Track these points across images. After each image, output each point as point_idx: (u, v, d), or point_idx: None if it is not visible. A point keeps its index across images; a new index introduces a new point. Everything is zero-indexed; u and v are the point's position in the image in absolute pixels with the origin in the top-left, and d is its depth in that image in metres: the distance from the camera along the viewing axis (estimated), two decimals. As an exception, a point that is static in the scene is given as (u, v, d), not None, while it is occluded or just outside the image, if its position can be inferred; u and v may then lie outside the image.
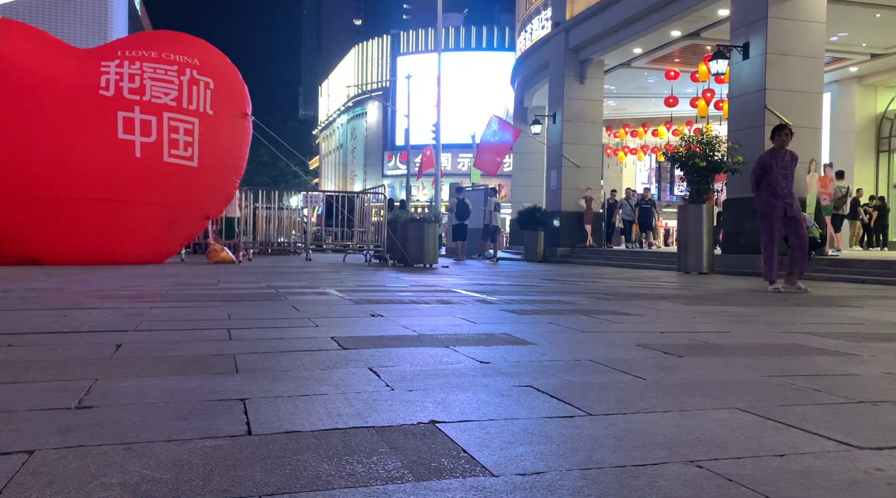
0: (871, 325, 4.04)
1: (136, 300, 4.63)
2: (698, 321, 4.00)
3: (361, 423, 1.61)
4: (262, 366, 2.30)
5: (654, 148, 25.66)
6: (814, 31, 11.78)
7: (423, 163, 27.99)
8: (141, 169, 9.78)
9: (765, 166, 6.96)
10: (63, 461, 1.30)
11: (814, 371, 2.41)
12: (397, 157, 53.23)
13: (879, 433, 1.61)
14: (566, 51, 18.93)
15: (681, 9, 14.69)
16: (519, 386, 2.06)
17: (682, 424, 1.65)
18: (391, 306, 4.48)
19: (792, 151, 7.06)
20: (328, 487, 1.19)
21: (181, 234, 10.83)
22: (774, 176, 6.87)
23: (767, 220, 6.92)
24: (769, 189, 6.89)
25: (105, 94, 9.70)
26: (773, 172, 6.89)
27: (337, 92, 67.41)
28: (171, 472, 1.25)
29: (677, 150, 11.58)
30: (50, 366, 2.25)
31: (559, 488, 1.20)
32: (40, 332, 3.05)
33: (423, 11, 77.84)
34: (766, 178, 6.93)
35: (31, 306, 4.14)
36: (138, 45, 10.54)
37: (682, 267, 11.42)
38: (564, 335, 3.23)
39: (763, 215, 6.96)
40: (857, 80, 19.40)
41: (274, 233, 15.56)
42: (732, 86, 12.42)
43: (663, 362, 2.52)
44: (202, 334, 3.03)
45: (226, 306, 4.29)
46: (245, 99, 11.00)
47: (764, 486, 1.23)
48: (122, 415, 1.65)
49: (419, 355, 2.58)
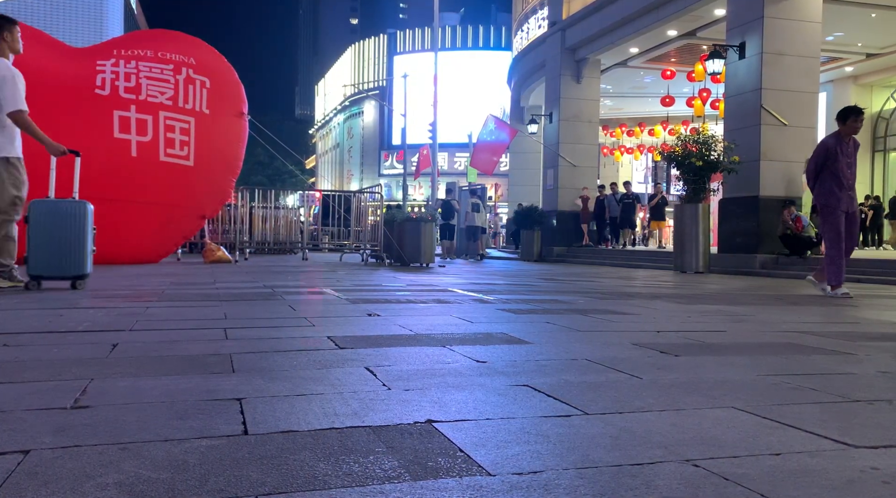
0: (867, 324, 4.05)
1: (132, 300, 4.62)
2: (694, 320, 4.00)
3: (358, 422, 1.61)
4: (259, 365, 2.30)
5: (650, 147, 25.68)
6: (810, 30, 11.81)
7: (419, 162, 27.99)
8: (137, 168, 9.76)
9: (829, 152, 6.08)
10: (59, 461, 1.29)
11: (810, 370, 2.42)
12: (394, 156, 53.21)
13: (875, 432, 1.61)
14: (563, 50, 18.94)
15: (677, 8, 14.71)
16: (516, 385, 2.06)
17: (679, 424, 1.65)
18: (388, 306, 4.48)
19: (856, 139, 6.25)
20: (325, 487, 1.19)
21: (177, 233, 10.81)
22: (840, 165, 6.05)
23: (832, 215, 6.07)
24: (833, 179, 6.07)
25: (101, 93, 9.67)
26: (838, 160, 6.05)
27: (333, 91, 67.35)
28: (168, 472, 1.25)
29: (674, 150, 11.60)
30: (46, 365, 2.24)
31: (556, 488, 1.20)
32: (36, 331, 3.05)
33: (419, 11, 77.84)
34: (829, 166, 6.08)
35: (27, 306, 4.13)
36: (134, 44, 10.51)
37: (678, 266, 11.44)
38: (561, 334, 3.23)
39: (826, 209, 6.12)
40: (852, 79, 19.45)
41: (270, 232, 15.55)
42: (729, 85, 12.44)
43: (660, 361, 2.53)
44: (198, 334, 3.02)
45: (222, 306, 4.29)
46: (241, 98, 10.98)
47: (760, 485, 1.23)
48: (118, 415, 1.64)
49: (416, 355, 2.58)
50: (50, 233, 5.21)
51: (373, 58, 59.87)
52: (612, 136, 26.68)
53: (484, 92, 48.39)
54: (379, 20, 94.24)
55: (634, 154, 27.71)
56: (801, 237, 10.93)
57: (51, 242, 5.22)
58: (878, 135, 19.93)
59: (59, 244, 5.24)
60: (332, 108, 68.17)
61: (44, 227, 5.22)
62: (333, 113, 67.66)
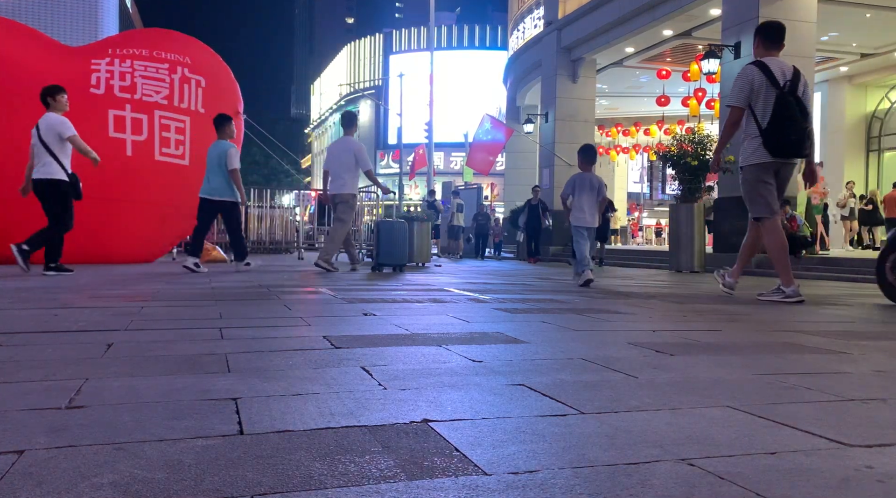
0: (861, 323, 4.07)
1: (127, 299, 4.61)
2: (690, 320, 4.01)
3: (354, 422, 1.61)
4: (255, 365, 2.29)
5: (645, 147, 25.74)
6: (804, 30, 11.84)
7: (415, 161, 27.98)
8: (132, 167, 9.73)
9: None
10: (53, 461, 1.29)
11: (805, 369, 2.42)
12: (390, 155, 53.18)
13: (870, 431, 1.62)
14: (558, 50, 18.96)
15: (672, 8, 14.74)
16: (511, 384, 2.06)
17: (674, 423, 1.65)
18: (384, 305, 4.48)
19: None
20: (321, 487, 1.19)
21: (172, 232, 10.79)
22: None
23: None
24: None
25: (96, 92, 9.64)
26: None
27: (329, 90, 67.30)
28: (163, 471, 1.24)
29: (669, 150, 11.64)
30: (40, 365, 2.23)
31: (552, 487, 1.20)
32: (30, 331, 3.04)
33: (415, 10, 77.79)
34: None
35: (22, 305, 4.11)
36: (129, 43, 10.49)
37: (673, 266, 11.46)
38: (557, 334, 3.23)
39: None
40: (847, 79, 19.51)
41: (266, 232, 15.52)
42: (724, 85, 12.47)
43: (655, 361, 2.53)
44: (194, 334, 3.02)
45: (217, 305, 4.28)
46: (237, 97, 10.96)
47: (755, 483, 1.23)
48: (113, 414, 1.64)
49: (412, 354, 2.58)
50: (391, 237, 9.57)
51: (369, 57, 59.84)
52: (608, 136, 26.73)
53: (480, 91, 48.40)
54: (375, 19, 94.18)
55: (630, 154, 27.77)
56: (796, 237, 10.97)
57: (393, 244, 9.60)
58: (872, 134, 19.99)
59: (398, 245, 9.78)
60: (328, 107, 68.11)
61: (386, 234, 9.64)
62: (329, 112, 67.59)
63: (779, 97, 5.14)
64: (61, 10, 29.20)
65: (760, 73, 5.23)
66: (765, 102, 5.20)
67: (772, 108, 5.15)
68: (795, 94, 5.18)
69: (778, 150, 5.21)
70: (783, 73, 5.22)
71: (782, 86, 5.17)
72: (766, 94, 5.19)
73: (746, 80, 5.27)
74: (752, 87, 5.25)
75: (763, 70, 5.23)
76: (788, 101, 5.13)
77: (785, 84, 5.19)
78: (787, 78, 5.21)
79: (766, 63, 5.27)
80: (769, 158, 5.27)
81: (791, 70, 5.25)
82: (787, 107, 5.13)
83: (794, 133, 5.13)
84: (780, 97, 5.14)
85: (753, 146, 5.33)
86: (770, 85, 5.18)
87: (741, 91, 5.29)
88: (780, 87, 5.17)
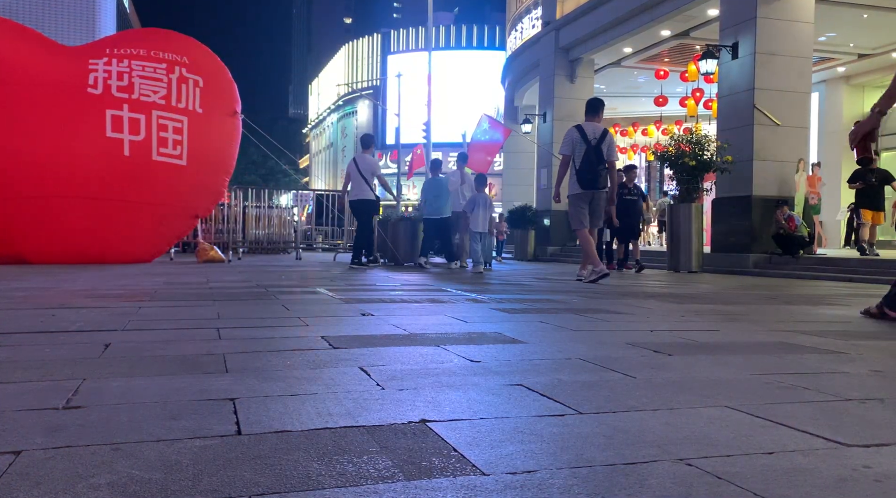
0: (859, 323, 4.07)
1: (124, 299, 4.60)
2: (688, 319, 4.01)
3: (352, 422, 1.61)
4: (252, 365, 2.29)
5: (643, 147, 25.73)
6: (802, 31, 11.85)
7: (413, 161, 27.94)
8: (129, 167, 9.72)
9: None
10: (50, 462, 1.29)
11: (802, 369, 2.43)
12: (388, 155, 53.15)
13: (867, 431, 1.62)
14: (556, 50, 18.96)
15: (670, 8, 14.74)
16: (509, 385, 2.06)
17: (672, 423, 1.65)
18: (382, 305, 4.48)
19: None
20: (319, 487, 1.19)
21: (170, 232, 10.78)
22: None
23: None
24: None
25: (93, 92, 9.63)
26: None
27: (327, 90, 67.28)
28: (160, 472, 1.24)
29: (667, 150, 11.63)
30: (37, 366, 2.23)
31: (550, 487, 1.20)
32: (28, 331, 3.03)
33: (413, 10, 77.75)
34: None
35: (19, 305, 4.11)
36: (127, 42, 10.47)
37: (671, 265, 11.47)
38: (555, 334, 3.23)
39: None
40: (844, 80, 19.53)
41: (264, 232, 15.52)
42: (721, 85, 12.48)
43: (653, 361, 2.53)
44: (191, 334, 3.01)
45: (215, 305, 4.27)
46: (234, 97, 10.95)
47: (753, 483, 1.23)
48: (110, 415, 1.64)
49: (410, 354, 2.58)
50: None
51: (367, 57, 59.82)
52: (606, 136, 26.68)
53: (478, 91, 48.40)
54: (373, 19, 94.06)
55: (628, 154, 27.74)
56: (793, 236, 10.98)
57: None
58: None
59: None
60: (326, 107, 68.09)
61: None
62: (327, 112, 67.58)
63: (587, 150, 7.45)
64: (59, 9, 29.16)
65: (577, 133, 7.55)
66: (579, 153, 7.49)
67: (581, 157, 7.46)
68: (599, 147, 7.45)
69: (586, 184, 7.49)
70: (594, 133, 7.51)
71: (591, 141, 7.46)
72: (579, 147, 7.48)
73: (570, 137, 7.59)
74: (573, 142, 7.52)
75: (580, 131, 7.56)
76: (592, 152, 7.44)
77: (592, 140, 7.46)
78: (595, 136, 7.49)
79: (583, 127, 7.60)
80: (580, 190, 7.51)
81: (600, 131, 7.52)
82: (590, 156, 7.43)
83: (594, 173, 7.43)
84: (587, 150, 7.45)
85: (573, 182, 7.58)
86: (583, 141, 7.47)
87: (566, 144, 7.57)
88: (589, 142, 7.46)
